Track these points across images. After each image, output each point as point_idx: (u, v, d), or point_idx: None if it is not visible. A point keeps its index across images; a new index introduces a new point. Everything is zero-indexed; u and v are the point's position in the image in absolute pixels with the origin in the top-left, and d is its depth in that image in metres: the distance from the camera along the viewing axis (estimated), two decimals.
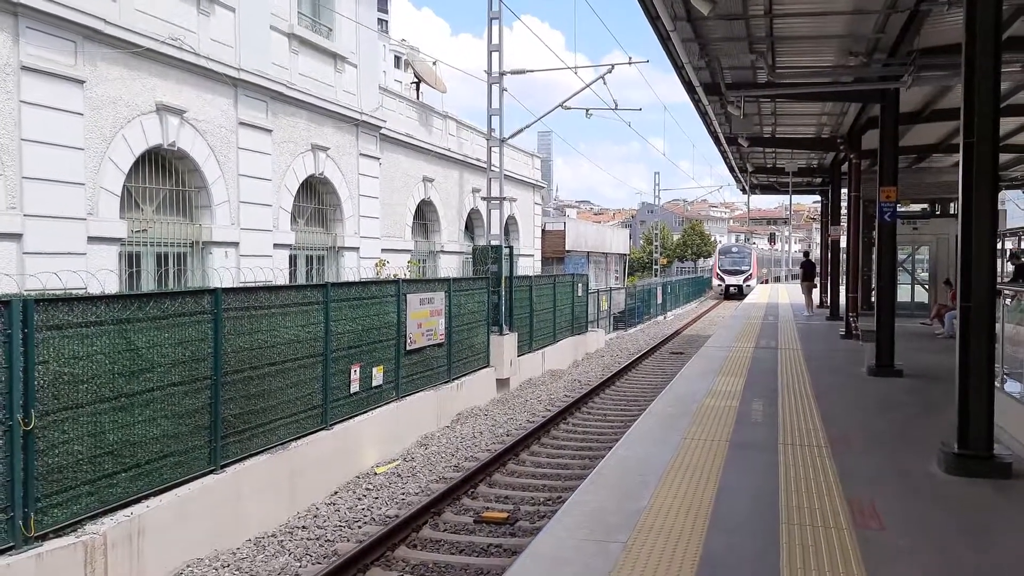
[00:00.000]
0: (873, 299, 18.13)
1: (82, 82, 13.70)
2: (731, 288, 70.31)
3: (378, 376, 15.47)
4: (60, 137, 13.30)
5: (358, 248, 22.26)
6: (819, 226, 49.82)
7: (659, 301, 52.01)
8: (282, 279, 18.07)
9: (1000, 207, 42.74)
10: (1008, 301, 10.37)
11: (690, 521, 6.96)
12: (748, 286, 66.95)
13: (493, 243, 23.24)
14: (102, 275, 12.30)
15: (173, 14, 15.59)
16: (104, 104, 14.19)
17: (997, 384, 9.32)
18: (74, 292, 10.19)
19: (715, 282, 74.45)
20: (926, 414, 11.70)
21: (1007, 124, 21.02)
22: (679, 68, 15.10)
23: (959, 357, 8.68)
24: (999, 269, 38.19)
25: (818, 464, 8.88)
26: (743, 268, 71.19)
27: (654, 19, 12.57)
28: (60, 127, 13.31)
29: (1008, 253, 38.89)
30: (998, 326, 9.19)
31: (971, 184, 8.61)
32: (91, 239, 13.83)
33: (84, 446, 9.11)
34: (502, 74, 23.63)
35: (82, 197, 13.71)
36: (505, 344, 22.36)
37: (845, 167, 25.39)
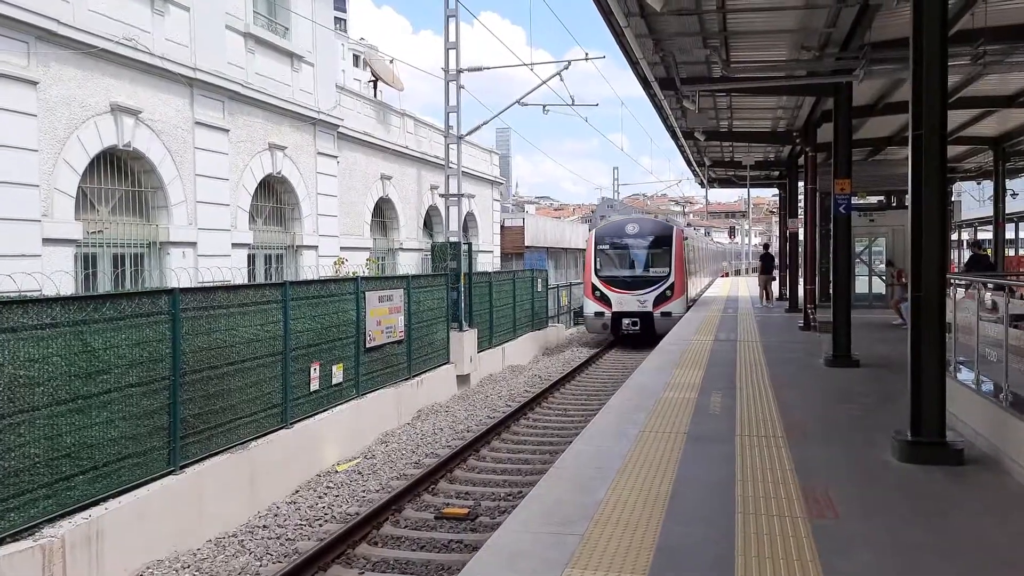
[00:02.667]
0: (831, 291, 18.34)
1: (35, 83, 13.55)
2: (626, 324, 31.10)
3: (338, 374, 15.44)
4: (13, 139, 13.14)
5: (317, 246, 22.18)
6: (778, 219, 50.29)
7: None
8: (240, 279, 17.96)
9: (955, 198, 43.39)
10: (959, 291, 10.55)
11: (647, 512, 7.03)
12: (666, 315, 30.47)
13: (452, 240, 23.25)
14: (58, 277, 12.18)
15: (127, 14, 15.44)
16: (58, 105, 14.04)
17: (949, 372, 9.49)
18: (29, 294, 10.09)
19: (589, 307, 32.29)
20: (881, 403, 11.88)
21: (959, 117, 21.37)
22: (634, 63, 15.19)
23: (911, 346, 8.85)
24: (956, 259, 38.60)
25: (775, 455, 9.00)
26: (653, 273, 31.91)
27: (607, 14, 12.62)
28: (13, 128, 13.15)
29: (965, 243, 39.41)
30: (949, 315, 9.34)
31: (920, 175, 8.76)
32: (46, 241, 13.69)
33: (41, 449, 9.03)
34: (459, 71, 23.63)
35: (36, 199, 13.56)
36: (465, 340, 22.39)
37: (802, 160, 25.64)
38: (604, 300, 30.99)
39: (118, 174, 15.92)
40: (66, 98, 14.21)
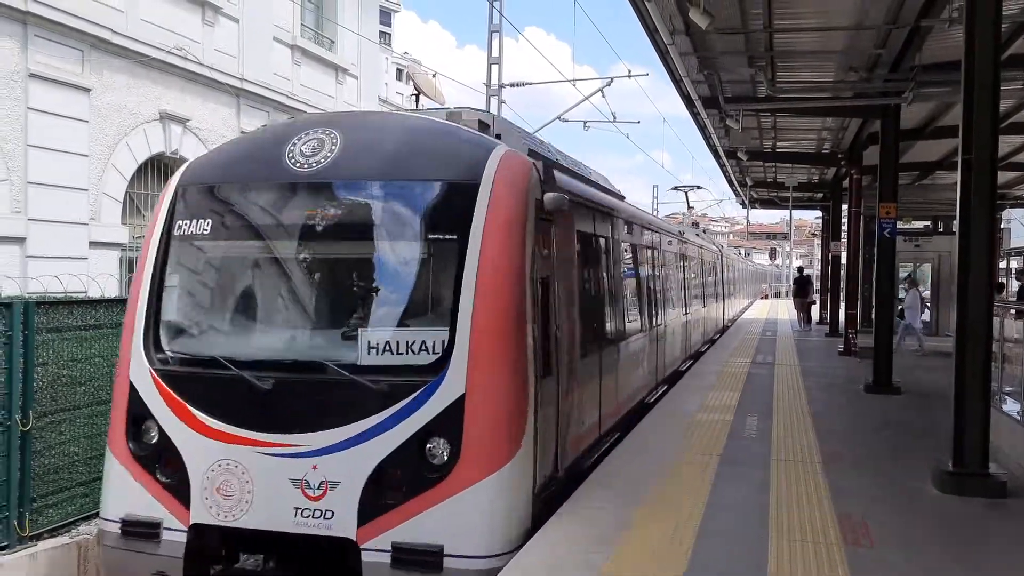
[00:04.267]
0: (873, 316, 18.04)
1: (88, 90, 13.79)
2: None
3: None
4: (65, 143, 13.38)
5: None
6: (820, 242, 49.82)
7: None
8: None
9: (1005, 225, 42.68)
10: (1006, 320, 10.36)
11: (678, 534, 6.94)
12: (427, 558, 6.10)
13: None
14: (103, 279, 12.32)
15: (178, 24, 15.67)
16: (109, 112, 14.27)
17: (994, 402, 9.30)
18: (75, 296, 10.22)
19: (111, 491, 6.79)
20: (922, 432, 11.66)
21: (1010, 142, 21.02)
22: (677, 82, 15.14)
23: (955, 375, 8.62)
24: (1007, 287, 38.19)
25: (811, 480, 8.85)
26: (377, 358, 6.39)
27: (652, 32, 12.61)
28: (66, 134, 13.39)
29: (1013, 271, 38.75)
30: (995, 345, 9.17)
31: (969, 201, 8.59)
32: (93, 244, 13.89)
33: (80, 448, 9.15)
34: (501, 87, 23.69)
35: (85, 202, 13.77)
36: None
37: (846, 183, 25.38)
38: (164, 467, 6.60)
39: (165, 180, 16.07)
40: (117, 105, 14.43)
